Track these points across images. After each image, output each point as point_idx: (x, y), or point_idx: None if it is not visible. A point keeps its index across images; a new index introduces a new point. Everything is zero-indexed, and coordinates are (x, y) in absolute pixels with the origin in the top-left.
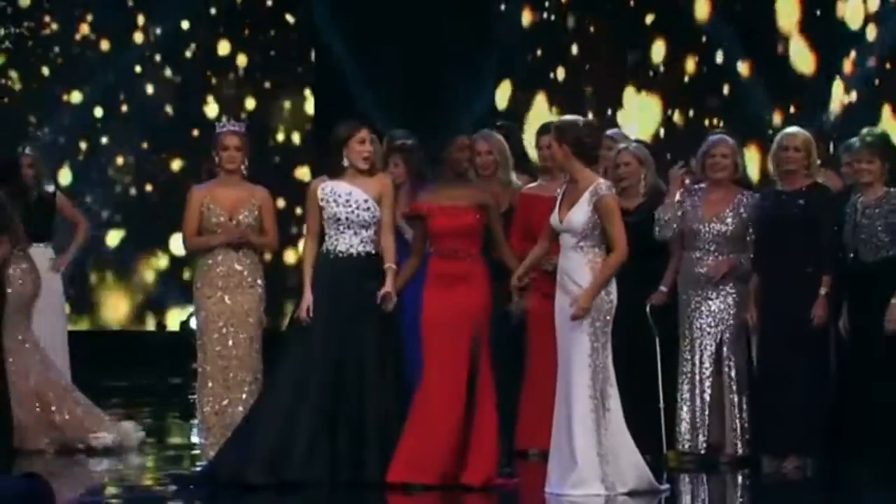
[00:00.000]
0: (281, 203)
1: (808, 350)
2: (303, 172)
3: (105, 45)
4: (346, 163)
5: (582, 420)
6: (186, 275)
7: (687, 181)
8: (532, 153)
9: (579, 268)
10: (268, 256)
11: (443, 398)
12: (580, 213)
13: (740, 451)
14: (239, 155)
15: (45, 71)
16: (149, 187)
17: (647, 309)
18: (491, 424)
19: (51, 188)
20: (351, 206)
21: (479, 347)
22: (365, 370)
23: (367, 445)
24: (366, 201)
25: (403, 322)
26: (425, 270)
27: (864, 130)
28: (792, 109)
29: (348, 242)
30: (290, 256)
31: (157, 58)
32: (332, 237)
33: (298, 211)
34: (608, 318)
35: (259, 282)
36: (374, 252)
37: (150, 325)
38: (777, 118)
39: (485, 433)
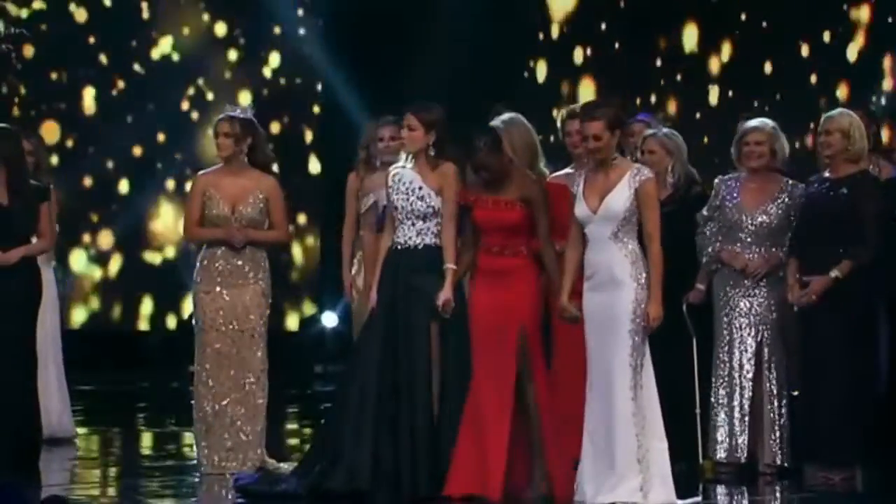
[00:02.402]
0: None
1: (855, 349)
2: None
3: None
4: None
5: (624, 424)
6: None
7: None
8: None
9: (619, 261)
10: None
11: (491, 403)
12: (620, 199)
13: (780, 460)
14: (229, 142)
15: None
16: None
17: (684, 308)
18: (550, 430)
19: (48, 183)
20: (407, 194)
21: (527, 348)
22: (415, 375)
23: (419, 456)
24: (420, 189)
25: None
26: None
27: None
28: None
29: (406, 234)
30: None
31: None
32: (397, 228)
33: None
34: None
35: (261, 276)
36: (433, 244)
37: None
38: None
39: (550, 441)
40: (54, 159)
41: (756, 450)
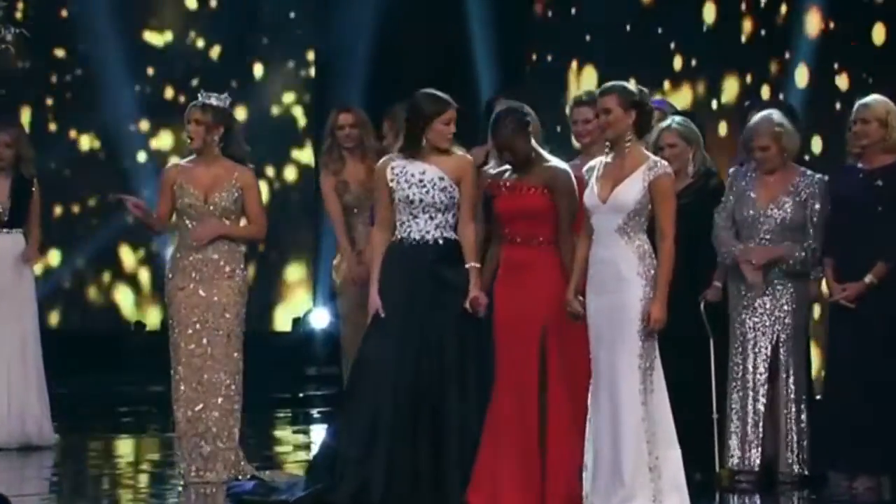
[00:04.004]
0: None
1: (886, 351)
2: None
3: None
4: (423, 142)
5: (633, 430)
6: None
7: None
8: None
9: (626, 256)
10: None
11: (512, 408)
12: (631, 190)
13: (797, 468)
14: (200, 130)
15: None
16: None
17: (702, 307)
18: (561, 439)
19: (31, 175)
20: (425, 185)
21: (546, 349)
22: (442, 375)
23: (446, 462)
24: (441, 179)
25: None
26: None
27: None
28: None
29: (423, 228)
30: None
31: None
32: (405, 223)
33: None
34: None
35: (238, 272)
36: (452, 238)
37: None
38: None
39: (558, 451)
40: None
41: (775, 457)
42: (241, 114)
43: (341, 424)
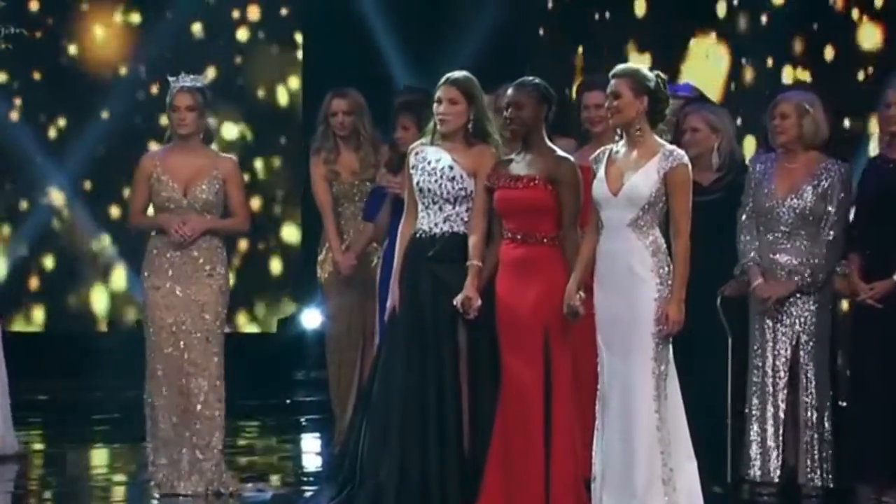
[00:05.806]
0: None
1: None
2: None
3: None
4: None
5: (647, 440)
6: None
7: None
8: None
9: (638, 252)
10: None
11: (516, 414)
12: (646, 182)
13: (820, 480)
14: (192, 116)
15: None
16: None
17: (719, 302)
18: (564, 450)
19: None
20: (435, 174)
21: (550, 353)
22: (445, 383)
23: (450, 469)
24: (451, 168)
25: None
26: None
27: None
28: None
29: (432, 220)
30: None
31: None
32: (420, 214)
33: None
34: None
35: (219, 270)
36: (460, 232)
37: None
38: None
39: (564, 460)
40: None
41: (796, 467)
42: None
43: (359, 428)
